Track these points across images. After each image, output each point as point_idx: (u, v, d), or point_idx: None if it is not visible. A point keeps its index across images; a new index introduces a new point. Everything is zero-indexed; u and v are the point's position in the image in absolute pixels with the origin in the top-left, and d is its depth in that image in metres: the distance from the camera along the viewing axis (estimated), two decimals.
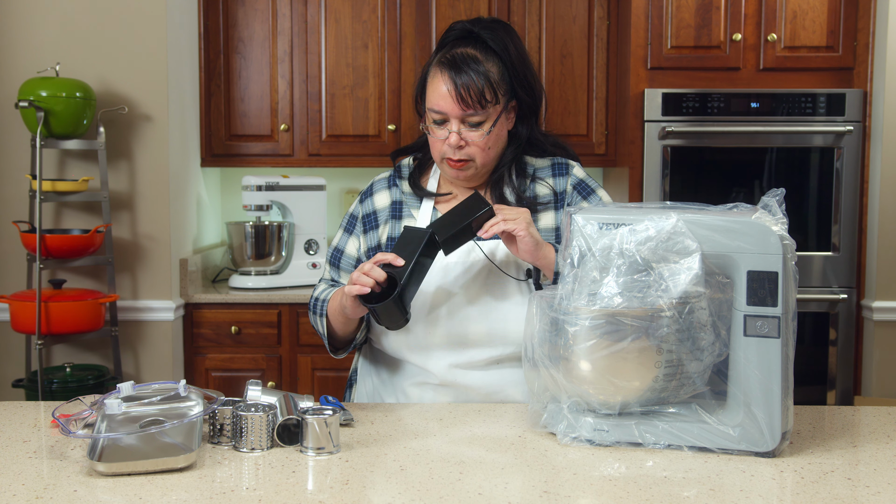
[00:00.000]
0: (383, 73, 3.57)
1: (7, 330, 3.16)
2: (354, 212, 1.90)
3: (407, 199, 1.85)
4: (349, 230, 1.89)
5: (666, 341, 1.39)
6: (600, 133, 3.58)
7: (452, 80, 1.70)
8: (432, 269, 1.73)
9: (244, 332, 3.32)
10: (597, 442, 1.44)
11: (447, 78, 1.71)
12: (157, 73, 3.15)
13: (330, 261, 1.89)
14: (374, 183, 1.92)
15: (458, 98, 1.70)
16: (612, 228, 1.42)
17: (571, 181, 1.84)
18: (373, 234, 1.84)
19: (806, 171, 3.29)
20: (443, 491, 1.24)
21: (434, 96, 1.72)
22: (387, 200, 1.87)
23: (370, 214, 1.87)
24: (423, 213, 1.82)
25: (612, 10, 3.54)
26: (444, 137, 1.73)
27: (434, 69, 1.74)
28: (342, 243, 1.89)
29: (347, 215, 1.91)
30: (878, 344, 3.24)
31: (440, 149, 1.75)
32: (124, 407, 1.46)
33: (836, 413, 1.68)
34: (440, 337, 1.74)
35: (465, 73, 1.70)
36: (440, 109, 1.72)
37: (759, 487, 1.26)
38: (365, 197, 1.90)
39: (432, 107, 1.73)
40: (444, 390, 1.76)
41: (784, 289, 1.37)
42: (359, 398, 1.91)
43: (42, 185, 2.92)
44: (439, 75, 1.72)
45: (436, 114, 1.73)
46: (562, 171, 1.85)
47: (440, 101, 1.71)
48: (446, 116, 1.72)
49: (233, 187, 3.90)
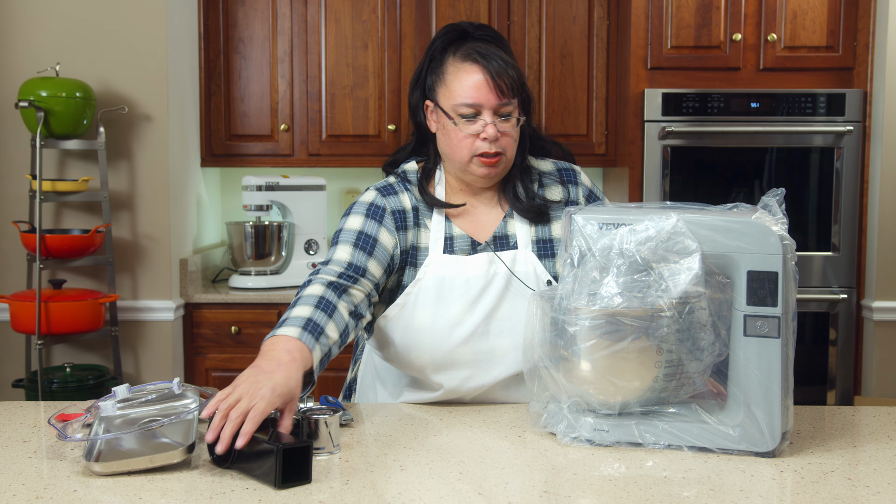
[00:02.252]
0: (383, 73, 3.57)
1: (7, 330, 3.16)
2: (378, 203, 1.73)
3: (421, 208, 1.76)
4: (377, 219, 1.71)
5: (666, 341, 1.39)
6: (600, 133, 3.58)
7: (486, 69, 1.64)
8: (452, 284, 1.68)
9: (244, 332, 3.32)
10: (597, 442, 1.43)
11: (479, 68, 1.65)
12: (157, 73, 3.15)
13: (357, 244, 1.68)
14: (391, 184, 1.77)
15: (495, 87, 1.64)
16: (612, 228, 1.42)
17: (583, 191, 1.82)
18: (403, 234, 1.72)
19: (806, 171, 3.29)
20: (443, 491, 1.24)
21: (464, 89, 1.65)
22: (409, 203, 1.75)
23: (400, 212, 1.73)
24: (436, 225, 1.74)
25: (612, 10, 3.54)
26: (477, 131, 1.66)
27: (456, 65, 1.68)
28: (372, 230, 1.70)
29: (367, 204, 1.74)
30: (878, 344, 3.24)
31: (470, 146, 1.67)
32: (120, 409, 1.46)
33: (836, 413, 1.68)
34: (465, 354, 1.67)
35: (495, 62, 1.65)
36: (475, 101, 1.65)
37: (759, 487, 1.26)
38: (387, 193, 1.75)
39: (464, 100, 1.65)
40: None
41: (784, 289, 1.37)
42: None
43: (42, 185, 2.92)
44: (469, 66, 1.66)
45: (468, 107, 1.65)
46: (570, 177, 1.82)
47: (474, 92, 1.64)
48: (479, 108, 1.65)
49: (233, 187, 3.90)
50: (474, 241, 1.74)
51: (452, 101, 1.67)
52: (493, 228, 1.76)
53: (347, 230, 1.71)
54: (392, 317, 1.71)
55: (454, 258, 1.71)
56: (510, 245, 1.74)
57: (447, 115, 1.68)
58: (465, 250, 1.73)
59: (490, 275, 1.69)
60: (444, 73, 1.70)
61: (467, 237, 1.74)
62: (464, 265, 1.70)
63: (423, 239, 1.74)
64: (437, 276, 1.69)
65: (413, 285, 1.70)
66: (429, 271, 1.70)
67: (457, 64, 1.68)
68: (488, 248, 1.73)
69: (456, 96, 1.66)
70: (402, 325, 1.69)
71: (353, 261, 1.67)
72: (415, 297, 1.69)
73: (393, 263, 1.71)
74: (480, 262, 1.70)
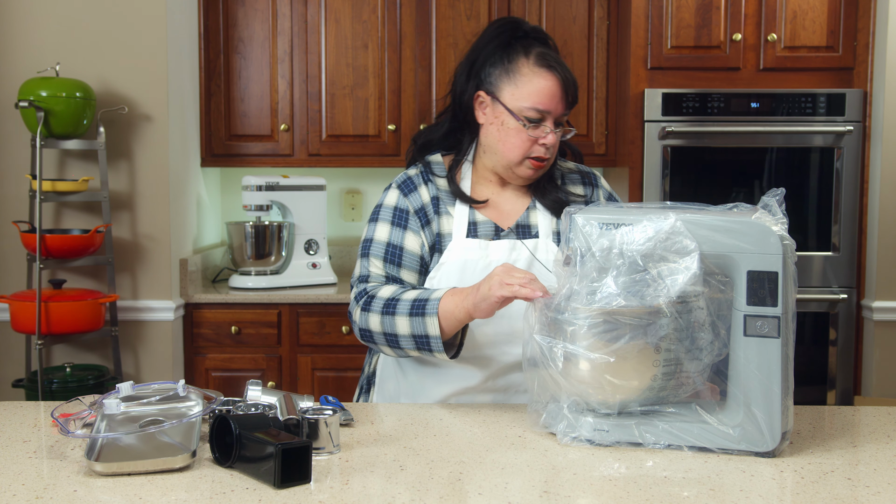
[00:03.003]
0: (383, 73, 3.57)
1: (7, 330, 3.16)
2: (401, 206, 1.78)
3: (442, 196, 1.80)
4: (401, 225, 1.77)
5: (665, 341, 1.39)
6: (600, 133, 3.58)
7: (563, 79, 1.70)
8: (475, 267, 1.72)
9: (244, 332, 3.32)
10: (597, 442, 1.43)
11: (555, 77, 1.70)
12: (157, 73, 3.15)
13: (386, 258, 1.75)
14: (411, 177, 1.82)
15: (564, 98, 1.71)
16: (611, 228, 1.42)
17: (604, 194, 1.89)
18: (428, 229, 1.77)
19: (806, 171, 3.29)
20: (443, 491, 1.24)
21: (539, 96, 1.70)
22: (427, 196, 1.79)
23: (421, 209, 1.78)
24: (460, 213, 1.78)
25: (612, 10, 3.54)
26: (538, 136, 1.71)
27: (531, 68, 1.71)
28: (397, 238, 1.76)
29: (391, 209, 1.79)
30: (878, 344, 3.24)
31: (528, 148, 1.72)
32: (123, 407, 1.46)
33: (836, 413, 1.68)
34: (486, 335, 1.71)
35: (567, 73, 1.71)
36: (545, 108, 1.70)
37: (759, 487, 1.26)
38: (409, 191, 1.80)
39: (535, 105, 1.70)
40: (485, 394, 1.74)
41: (784, 289, 1.37)
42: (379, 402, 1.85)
43: (42, 185, 2.92)
44: (545, 73, 1.70)
45: (537, 113, 1.70)
46: (591, 180, 1.90)
47: (548, 101, 1.70)
48: (546, 115, 1.71)
49: (233, 187, 3.90)
50: (498, 227, 1.79)
51: (522, 103, 1.71)
52: (516, 217, 1.81)
53: (377, 242, 1.77)
54: None
55: (477, 242, 1.76)
56: (532, 234, 1.79)
57: (512, 114, 1.72)
58: (488, 235, 1.78)
59: (512, 260, 1.74)
60: (517, 72, 1.72)
61: (491, 223, 1.79)
62: (486, 249, 1.75)
63: (447, 225, 1.78)
64: (461, 259, 1.74)
65: (436, 269, 1.75)
66: (452, 255, 1.75)
67: (533, 68, 1.71)
68: (511, 235, 1.78)
69: (527, 99, 1.70)
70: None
71: (387, 275, 1.75)
72: (438, 280, 1.74)
73: (424, 262, 1.77)
74: (503, 247, 1.75)
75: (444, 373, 1.75)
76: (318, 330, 3.31)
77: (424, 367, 1.78)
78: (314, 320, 3.31)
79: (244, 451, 1.30)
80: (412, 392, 1.79)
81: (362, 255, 1.78)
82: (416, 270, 1.77)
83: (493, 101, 1.75)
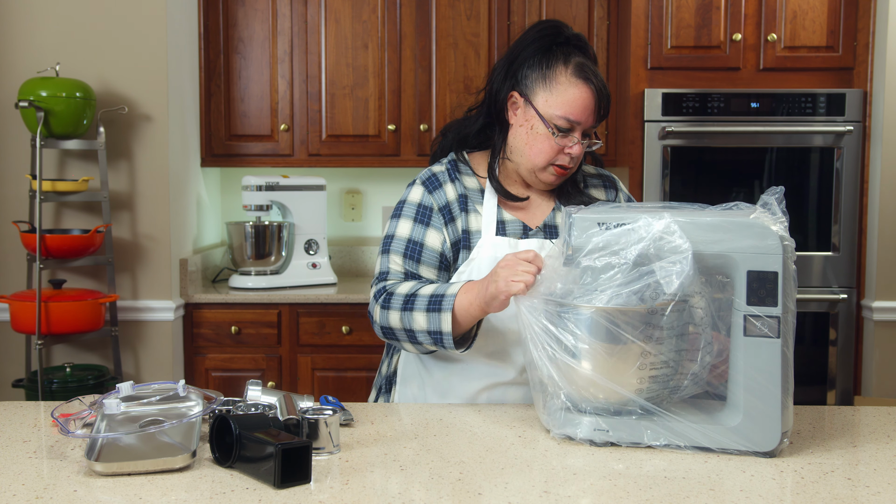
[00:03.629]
0: (383, 73, 3.57)
1: (7, 330, 3.16)
2: (426, 202, 1.79)
3: (470, 194, 1.81)
4: (424, 222, 1.78)
5: (663, 340, 1.39)
6: (600, 133, 3.58)
7: (598, 92, 1.70)
8: (481, 264, 1.74)
9: (244, 332, 3.32)
10: (597, 442, 1.44)
11: (592, 90, 1.70)
12: (157, 73, 3.15)
13: (406, 253, 1.76)
14: (436, 174, 1.82)
15: (597, 110, 1.71)
16: (609, 228, 1.42)
17: (624, 197, 1.92)
18: (452, 226, 1.78)
19: (806, 171, 3.29)
20: (443, 491, 1.24)
21: (572, 106, 1.70)
22: (454, 193, 1.80)
23: (446, 206, 1.78)
24: (488, 211, 1.79)
25: (612, 10, 3.54)
26: (566, 145, 1.72)
27: (569, 77, 1.71)
28: (419, 235, 1.77)
29: (414, 205, 1.79)
30: (878, 344, 3.24)
31: (553, 156, 1.73)
32: (123, 407, 1.46)
33: (836, 413, 1.68)
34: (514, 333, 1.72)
35: (602, 85, 1.71)
36: (578, 119, 1.70)
37: (759, 487, 1.26)
38: (434, 188, 1.80)
39: (567, 115, 1.70)
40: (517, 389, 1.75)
41: (784, 289, 1.37)
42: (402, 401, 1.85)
43: (42, 185, 2.92)
44: (581, 84, 1.70)
45: (568, 122, 1.70)
46: (610, 184, 1.92)
47: (580, 112, 1.70)
48: (576, 126, 1.71)
49: (233, 187, 3.90)
50: (526, 227, 1.80)
51: (554, 111, 1.71)
52: (543, 217, 1.83)
53: (398, 238, 1.78)
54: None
55: (506, 240, 1.77)
56: (558, 234, 1.80)
57: (543, 120, 1.72)
58: (516, 234, 1.79)
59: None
60: (553, 80, 1.72)
61: (519, 222, 1.80)
62: (515, 247, 1.76)
63: (475, 223, 1.79)
64: (490, 256, 1.75)
65: (466, 264, 1.76)
66: (482, 252, 1.76)
67: (570, 78, 1.71)
68: (539, 234, 1.80)
69: (559, 107, 1.71)
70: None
71: (406, 271, 1.76)
72: (468, 275, 1.75)
73: (445, 259, 1.78)
74: (532, 245, 1.76)
75: (472, 369, 1.76)
76: (318, 330, 3.31)
77: (451, 364, 1.78)
78: (314, 320, 3.31)
79: (244, 451, 1.30)
80: (440, 390, 1.79)
81: (382, 252, 1.79)
82: (435, 267, 1.77)
83: (526, 103, 1.75)
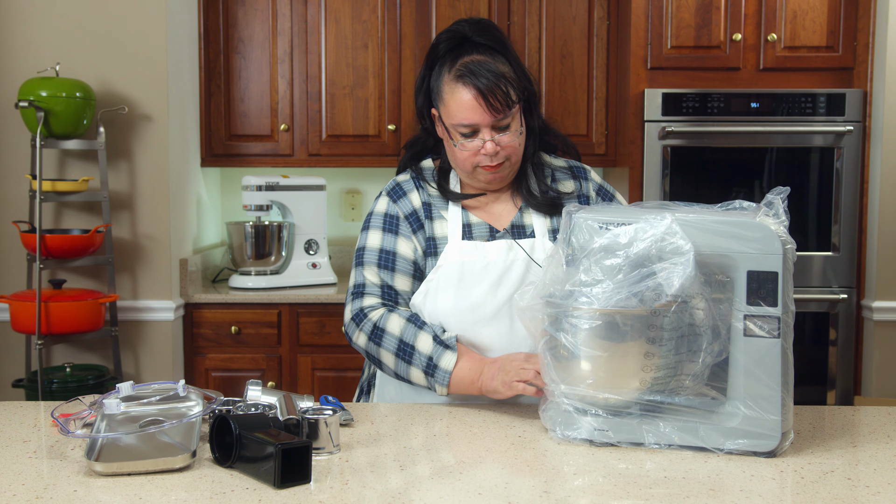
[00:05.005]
0: (383, 73, 3.57)
1: (7, 330, 3.16)
2: (391, 212, 1.80)
3: (434, 202, 1.81)
4: (393, 231, 1.79)
5: (664, 341, 1.39)
6: (600, 133, 3.58)
7: (478, 89, 1.67)
8: (473, 268, 1.73)
9: (244, 332, 3.32)
10: (597, 442, 1.44)
11: (471, 88, 1.68)
12: (157, 73, 3.15)
13: (380, 264, 1.77)
14: (400, 184, 1.84)
15: (488, 106, 1.68)
16: (610, 228, 1.42)
17: (594, 186, 1.88)
18: (420, 234, 1.78)
19: (806, 171, 3.29)
20: (443, 491, 1.24)
21: (461, 111, 1.69)
22: (418, 201, 1.81)
23: (412, 214, 1.80)
24: (453, 216, 1.79)
25: (612, 10, 3.54)
26: (477, 148, 1.71)
27: (450, 84, 1.71)
28: (390, 244, 1.78)
29: (381, 216, 1.81)
30: (878, 344, 3.24)
31: (472, 159, 1.73)
32: (123, 407, 1.46)
33: (836, 413, 1.68)
34: (488, 335, 1.72)
35: (485, 80, 1.67)
36: (470, 122, 1.69)
37: (759, 487, 1.26)
38: (398, 197, 1.81)
39: (461, 122, 1.70)
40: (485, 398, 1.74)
41: (784, 289, 1.37)
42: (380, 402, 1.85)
43: (42, 185, 2.92)
44: (461, 88, 1.69)
45: (465, 127, 1.70)
46: (580, 174, 1.89)
47: (469, 113, 1.69)
48: (477, 127, 1.70)
49: (233, 187, 3.90)
50: (492, 229, 1.79)
51: (451, 121, 1.72)
52: (509, 218, 1.81)
53: (369, 249, 1.79)
54: (416, 304, 1.76)
55: (473, 244, 1.76)
56: (527, 234, 1.79)
57: (447, 132, 1.74)
58: (483, 237, 1.78)
59: (509, 260, 1.74)
60: (442, 91, 1.74)
61: (485, 224, 1.79)
62: (483, 250, 1.75)
63: (440, 229, 1.79)
64: (458, 261, 1.74)
65: (434, 272, 1.75)
66: (449, 257, 1.75)
67: (451, 84, 1.71)
68: (507, 235, 1.78)
69: (452, 116, 1.71)
70: (427, 310, 1.74)
71: (382, 282, 1.76)
72: (437, 282, 1.74)
73: (418, 267, 1.78)
74: (500, 247, 1.75)
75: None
76: (318, 330, 3.31)
77: None
78: (314, 320, 3.31)
79: (244, 451, 1.30)
80: (414, 395, 1.79)
81: (357, 265, 1.80)
82: (409, 275, 1.77)
83: (439, 118, 1.77)
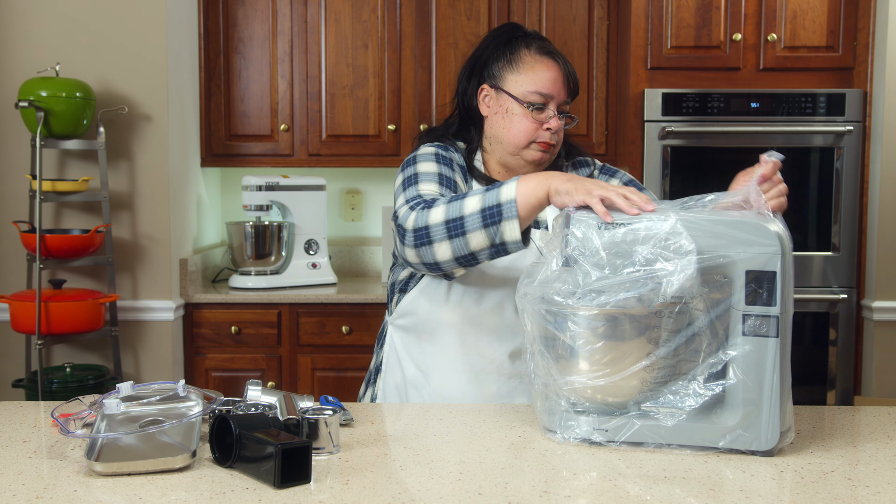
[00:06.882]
0: (383, 73, 3.57)
1: (7, 330, 3.16)
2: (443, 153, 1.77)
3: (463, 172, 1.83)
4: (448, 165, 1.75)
5: (663, 341, 1.39)
6: (600, 133, 3.58)
7: (561, 67, 1.77)
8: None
9: (244, 332, 3.32)
10: (597, 442, 1.44)
11: (558, 65, 1.77)
12: (157, 73, 3.15)
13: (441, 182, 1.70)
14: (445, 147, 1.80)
15: (566, 85, 1.77)
16: (610, 228, 1.42)
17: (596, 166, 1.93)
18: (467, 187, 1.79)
19: (806, 171, 3.29)
20: (443, 491, 1.24)
21: (543, 81, 1.75)
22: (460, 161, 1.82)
23: (461, 167, 1.80)
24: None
25: (612, 10, 3.54)
26: (543, 120, 1.76)
27: (534, 56, 1.77)
28: (448, 173, 1.73)
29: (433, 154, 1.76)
30: (878, 344, 3.24)
31: (533, 132, 1.76)
32: (123, 407, 1.46)
33: (836, 413, 1.68)
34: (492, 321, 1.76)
35: (567, 63, 1.79)
36: (549, 92, 1.75)
37: (759, 487, 1.26)
38: (445, 149, 1.79)
39: (538, 89, 1.75)
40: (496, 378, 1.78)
41: (782, 288, 1.37)
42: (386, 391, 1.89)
43: (42, 185, 2.92)
44: (547, 61, 1.77)
45: (540, 97, 1.75)
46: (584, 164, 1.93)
47: (551, 85, 1.76)
48: (549, 100, 1.76)
49: (233, 187, 3.90)
50: None
51: (526, 88, 1.76)
52: None
53: (426, 173, 1.70)
54: (423, 287, 1.79)
55: None
56: (540, 226, 1.81)
57: (517, 99, 1.77)
58: None
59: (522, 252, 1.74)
60: (519, 62, 1.78)
61: None
62: None
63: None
64: None
65: None
66: None
67: (535, 56, 1.78)
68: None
69: (530, 84, 1.76)
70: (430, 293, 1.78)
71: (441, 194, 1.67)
72: None
73: None
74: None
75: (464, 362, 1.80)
76: (318, 330, 3.31)
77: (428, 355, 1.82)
78: (314, 320, 3.31)
79: (244, 451, 1.30)
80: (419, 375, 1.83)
81: (408, 186, 1.69)
82: None
83: (497, 91, 1.79)
